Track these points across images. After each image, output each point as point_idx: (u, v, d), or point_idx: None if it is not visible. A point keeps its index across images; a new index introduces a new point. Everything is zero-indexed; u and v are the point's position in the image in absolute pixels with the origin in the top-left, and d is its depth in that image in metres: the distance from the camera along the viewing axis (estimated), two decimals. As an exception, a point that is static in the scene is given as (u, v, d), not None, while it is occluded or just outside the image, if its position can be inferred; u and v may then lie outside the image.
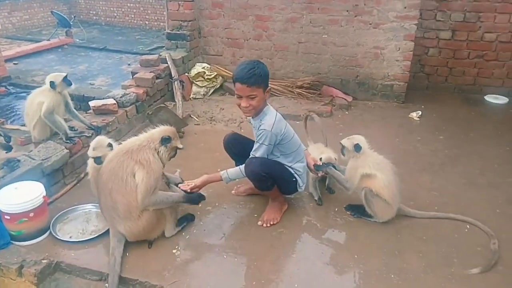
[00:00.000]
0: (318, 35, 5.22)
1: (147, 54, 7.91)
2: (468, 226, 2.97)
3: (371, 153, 2.97)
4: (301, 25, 5.23)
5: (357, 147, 2.92)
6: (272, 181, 2.84)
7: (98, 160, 2.80)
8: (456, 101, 5.44)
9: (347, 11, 5.01)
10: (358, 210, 3.06)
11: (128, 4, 14.39)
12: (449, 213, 3.08)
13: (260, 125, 2.80)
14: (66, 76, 3.36)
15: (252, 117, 2.92)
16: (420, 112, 4.92)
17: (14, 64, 9.85)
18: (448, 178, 3.61)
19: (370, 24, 5.01)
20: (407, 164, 3.78)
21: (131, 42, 12.62)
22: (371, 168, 2.88)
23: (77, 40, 12.27)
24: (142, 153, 2.55)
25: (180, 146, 2.75)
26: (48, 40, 11.73)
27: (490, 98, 5.48)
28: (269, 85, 2.83)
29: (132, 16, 14.46)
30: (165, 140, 2.64)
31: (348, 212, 3.10)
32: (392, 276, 2.52)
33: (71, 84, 3.40)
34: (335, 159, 3.13)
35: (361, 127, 4.57)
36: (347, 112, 5.05)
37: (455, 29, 5.40)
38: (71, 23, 12.27)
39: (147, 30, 14.20)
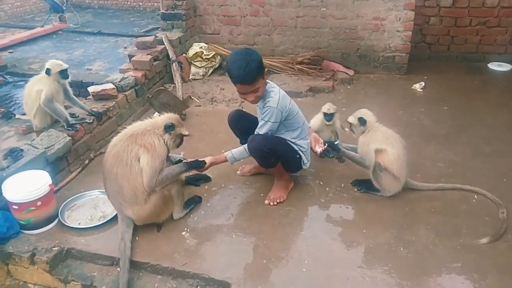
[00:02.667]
0: (317, 8, 5.11)
1: (142, 36, 7.82)
2: (475, 196, 2.96)
3: (379, 127, 2.94)
4: (299, -1, 5.12)
5: (362, 121, 2.90)
6: (275, 158, 2.83)
7: None
8: (459, 70, 5.37)
9: (346, -18, 4.90)
10: (365, 185, 3.05)
11: (121, -14, 14.14)
12: (455, 183, 3.07)
13: (265, 103, 2.77)
14: (66, 70, 3.29)
15: None
16: (423, 83, 4.86)
17: (10, 52, 9.75)
18: (453, 149, 3.59)
19: (369, -6, 4.90)
20: (411, 136, 3.75)
21: (126, 25, 12.44)
22: (381, 143, 2.87)
23: (71, 25, 12.11)
24: (146, 137, 2.53)
25: (186, 133, 2.73)
26: (42, 26, 11.57)
27: (493, 66, 5.40)
28: (267, 64, 2.79)
29: (126, -3, 14.21)
30: (168, 128, 2.61)
31: (355, 188, 3.09)
32: (401, 249, 2.53)
33: (67, 78, 3.33)
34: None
35: (364, 101, 4.52)
36: (349, 87, 4.99)
37: (457, -5, 5.29)
38: (64, 8, 12.08)
39: (141, 12, 14.00)
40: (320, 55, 5.25)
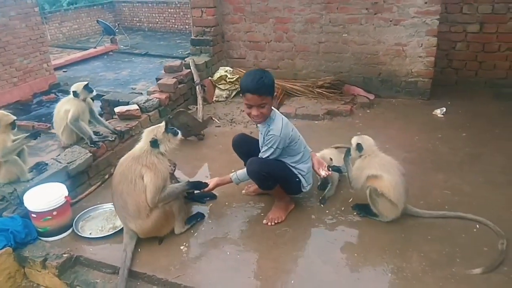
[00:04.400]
0: (338, 34, 5.23)
1: (186, 57, 8.23)
2: (477, 226, 2.91)
3: (378, 153, 2.99)
4: (321, 25, 5.26)
5: (359, 147, 2.96)
6: (273, 181, 2.94)
7: None
8: (486, 97, 5.21)
9: (367, 9, 4.99)
10: (364, 209, 3.08)
11: (169, 10, 14.98)
12: (458, 212, 3.03)
13: (269, 131, 2.88)
14: (87, 85, 3.63)
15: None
16: (444, 109, 4.79)
17: (64, 71, 10.59)
18: (464, 177, 3.52)
19: (390, 21, 4.95)
20: (423, 163, 3.74)
21: (172, 47, 13.13)
22: (377, 169, 2.91)
23: (122, 46, 12.96)
24: (146, 158, 2.75)
25: (162, 128, 2.86)
26: (95, 47, 12.49)
27: (524, 92, 5.22)
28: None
29: (173, 21, 15.04)
30: (154, 144, 2.80)
31: (354, 212, 3.13)
32: (389, 274, 2.55)
33: (92, 91, 3.66)
34: (330, 159, 3.26)
35: (381, 125, 4.54)
36: (368, 111, 5.01)
37: (484, 21, 5.19)
38: (116, 30, 12.98)
39: (188, 34, 14.69)
40: (341, 79, 5.33)
